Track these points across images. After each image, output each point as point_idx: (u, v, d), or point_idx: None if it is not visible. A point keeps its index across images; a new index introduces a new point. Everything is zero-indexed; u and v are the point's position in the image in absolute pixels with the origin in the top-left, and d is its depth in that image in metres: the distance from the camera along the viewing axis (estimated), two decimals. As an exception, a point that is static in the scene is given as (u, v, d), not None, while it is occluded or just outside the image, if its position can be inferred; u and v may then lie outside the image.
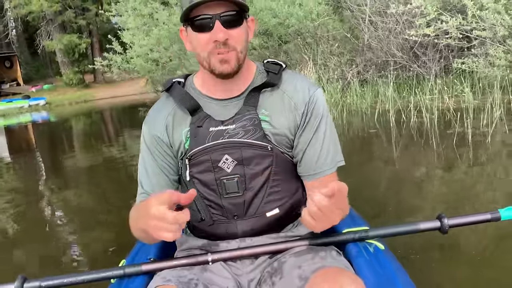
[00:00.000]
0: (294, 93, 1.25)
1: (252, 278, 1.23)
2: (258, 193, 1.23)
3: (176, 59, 11.05)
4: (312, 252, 1.17)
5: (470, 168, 3.63)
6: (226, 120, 1.22)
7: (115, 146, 8.30)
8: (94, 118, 17.11)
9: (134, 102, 19.80)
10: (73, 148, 9.30)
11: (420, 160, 4.13)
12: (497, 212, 1.29)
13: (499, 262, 2.08)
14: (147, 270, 1.23)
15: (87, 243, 3.26)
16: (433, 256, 2.17)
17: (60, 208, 4.42)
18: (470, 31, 6.25)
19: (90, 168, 6.28)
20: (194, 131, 1.23)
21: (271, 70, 1.26)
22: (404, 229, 1.29)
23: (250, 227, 1.25)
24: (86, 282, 1.24)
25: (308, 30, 8.87)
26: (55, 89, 30.29)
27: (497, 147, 4.13)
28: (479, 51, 6.39)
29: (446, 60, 7.21)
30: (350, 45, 8.73)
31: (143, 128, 1.32)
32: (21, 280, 1.23)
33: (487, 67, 6.22)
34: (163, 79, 12.62)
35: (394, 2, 6.80)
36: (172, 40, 10.92)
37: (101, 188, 5.11)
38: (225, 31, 1.11)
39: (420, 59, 7.48)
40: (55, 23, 29.40)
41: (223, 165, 1.21)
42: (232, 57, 1.14)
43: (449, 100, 5.98)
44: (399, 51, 7.48)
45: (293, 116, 1.24)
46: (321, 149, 1.24)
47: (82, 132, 12.91)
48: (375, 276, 1.09)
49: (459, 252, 2.21)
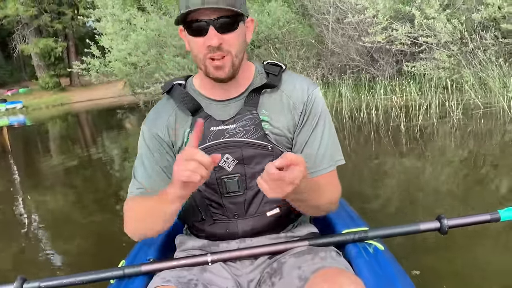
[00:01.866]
0: (293, 93, 1.26)
1: (252, 279, 1.23)
2: (259, 193, 1.22)
3: (154, 62, 11.53)
4: (311, 252, 1.17)
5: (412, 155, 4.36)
6: (227, 120, 1.23)
7: (93, 149, 8.29)
8: (72, 121, 17.13)
9: (112, 105, 19.94)
10: (49, 151, 9.18)
11: (367, 149, 4.82)
12: (496, 213, 1.29)
13: (499, 262, 2.09)
14: (147, 270, 1.23)
15: (61, 246, 3.22)
16: (433, 256, 2.18)
17: (32, 210, 4.37)
18: (417, 38, 7.05)
19: (66, 171, 6.23)
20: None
21: (271, 72, 1.28)
22: (404, 230, 1.29)
23: (250, 226, 1.25)
24: (85, 282, 1.24)
25: (276, 36, 9.57)
26: (31, 93, 30.33)
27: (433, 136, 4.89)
28: (427, 55, 7.21)
29: (400, 64, 8.00)
30: (315, 50, 9.48)
31: (142, 128, 1.33)
32: (20, 281, 1.23)
33: (434, 70, 7.02)
34: (140, 82, 13.05)
35: (352, 12, 7.55)
36: (150, 44, 11.40)
37: (77, 190, 5.06)
38: (219, 36, 1.11)
39: (377, 63, 8.26)
40: (31, 27, 29.50)
41: (224, 164, 1.21)
42: (226, 63, 1.15)
43: (398, 99, 6.77)
44: (357, 55, 8.24)
45: (292, 115, 1.25)
46: (319, 147, 1.25)
47: (59, 135, 12.90)
48: (375, 276, 1.09)
49: (459, 252, 2.21)
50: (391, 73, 8.02)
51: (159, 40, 11.37)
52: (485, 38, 6.53)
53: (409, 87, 6.96)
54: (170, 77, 10.67)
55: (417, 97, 6.63)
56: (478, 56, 6.57)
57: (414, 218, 2.69)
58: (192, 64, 10.70)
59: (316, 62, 9.37)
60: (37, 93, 30.05)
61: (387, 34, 7.05)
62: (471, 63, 6.70)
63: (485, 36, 6.52)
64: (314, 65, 9.27)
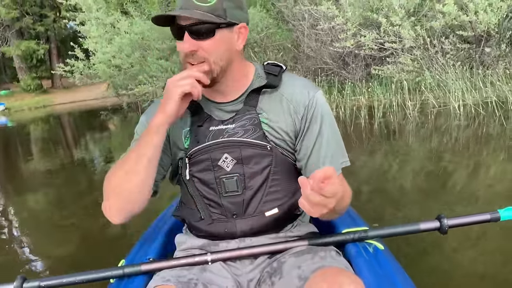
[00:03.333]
0: (293, 96, 1.24)
1: (252, 278, 1.23)
2: (257, 192, 1.22)
3: (137, 65, 11.85)
4: (311, 252, 1.16)
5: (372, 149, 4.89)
6: (226, 120, 1.22)
7: (77, 150, 8.27)
8: (55, 122, 17.07)
9: (94, 107, 20.01)
10: (32, 153, 9.09)
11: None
12: (496, 213, 1.29)
13: (499, 262, 2.11)
14: (147, 270, 1.23)
15: (42, 249, 3.21)
16: (432, 256, 2.19)
17: (12, 212, 4.35)
18: (384, 43, 7.64)
19: (48, 172, 6.21)
20: (194, 130, 1.23)
21: (271, 72, 1.26)
22: (404, 230, 1.29)
23: (249, 226, 1.24)
24: (85, 282, 1.24)
25: (255, 41, 10.09)
26: (13, 95, 30.24)
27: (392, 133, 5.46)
28: (393, 59, 7.80)
29: (369, 67, 8.59)
30: (292, 54, 10.03)
31: (141, 119, 1.32)
32: (20, 280, 1.23)
33: (399, 73, 7.61)
34: (124, 84, 13.29)
35: (324, 19, 8.11)
36: (134, 47, 11.74)
37: (59, 191, 5.06)
38: (193, 42, 1.11)
39: (349, 66, 8.83)
40: (13, 29, 29.43)
41: (223, 164, 1.21)
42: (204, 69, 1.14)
43: (365, 99, 7.35)
44: (330, 59, 8.80)
45: (292, 120, 1.23)
46: (325, 153, 1.23)
47: (41, 137, 12.75)
48: (375, 276, 1.09)
49: (459, 252, 2.22)
50: (361, 76, 8.59)
51: (142, 43, 11.69)
52: (444, 44, 7.14)
53: (375, 88, 7.54)
54: (153, 79, 11.03)
55: (382, 98, 7.21)
56: (438, 60, 7.18)
57: (377, 208, 2.94)
58: (175, 66, 11.14)
59: (293, 66, 9.92)
60: (19, 95, 29.96)
61: (356, 40, 7.61)
62: (433, 67, 7.30)
63: (444, 42, 7.13)
64: (291, 68, 9.82)
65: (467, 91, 6.13)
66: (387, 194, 3.25)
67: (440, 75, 6.96)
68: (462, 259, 2.17)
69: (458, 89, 6.21)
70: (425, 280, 1.95)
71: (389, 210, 2.90)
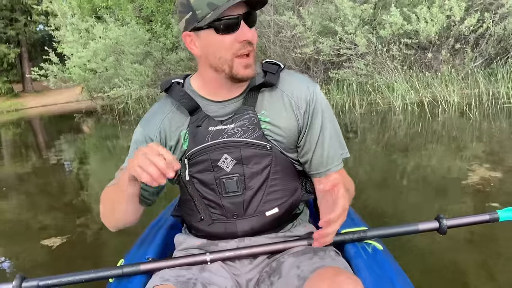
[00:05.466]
0: (293, 92, 1.24)
1: (251, 278, 1.23)
2: (258, 192, 1.22)
3: (112, 69, 12.28)
4: (310, 252, 1.16)
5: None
6: (225, 120, 1.21)
7: (51, 153, 8.10)
8: (27, 126, 16.85)
9: (67, 110, 19.97)
10: (3, 156, 8.80)
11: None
12: (495, 213, 1.29)
13: (499, 262, 2.12)
14: (146, 269, 1.22)
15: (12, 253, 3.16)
16: (431, 257, 2.20)
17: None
18: (340, 49, 8.45)
19: (22, 175, 6.18)
20: (193, 131, 1.22)
21: (269, 70, 1.25)
22: (403, 230, 1.29)
23: (249, 226, 1.24)
24: (84, 281, 1.23)
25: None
26: (-17, 99, 29.95)
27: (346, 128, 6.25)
28: (349, 64, 8.61)
29: (329, 71, 9.40)
30: (260, 59, 10.73)
31: (136, 129, 1.32)
32: (19, 279, 1.22)
33: (353, 76, 8.41)
34: (98, 87, 13.70)
35: (286, 27, 8.89)
36: (108, 52, 12.15)
37: (30, 196, 5.00)
38: (250, 30, 1.11)
39: (310, 70, 9.63)
40: (-17, 33, 29.25)
41: (222, 165, 1.20)
42: (252, 60, 1.15)
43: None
44: (294, 64, 9.59)
45: (295, 115, 1.23)
46: (329, 147, 1.25)
47: (12, 140, 12.53)
48: (374, 276, 1.09)
49: (458, 252, 2.23)
50: (321, 79, 9.40)
51: (117, 48, 12.09)
52: (392, 50, 7.98)
53: (332, 90, 8.35)
54: (128, 82, 11.48)
55: (338, 98, 8.02)
56: (388, 65, 8.02)
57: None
58: (149, 70, 11.65)
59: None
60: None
61: (314, 47, 8.41)
62: (383, 70, 8.13)
63: (392, 49, 7.97)
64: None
65: (408, 92, 7.04)
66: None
67: (388, 78, 7.81)
68: (462, 260, 2.15)
69: (399, 90, 7.13)
70: (424, 280, 1.96)
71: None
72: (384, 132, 5.70)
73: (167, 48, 12.21)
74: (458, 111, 5.89)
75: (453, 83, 6.89)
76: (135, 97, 11.52)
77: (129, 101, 11.68)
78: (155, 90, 11.65)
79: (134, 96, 11.44)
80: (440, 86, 6.89)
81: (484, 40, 7.45)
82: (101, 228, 3.21)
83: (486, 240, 2.30)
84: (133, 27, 11.77)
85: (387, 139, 5.27)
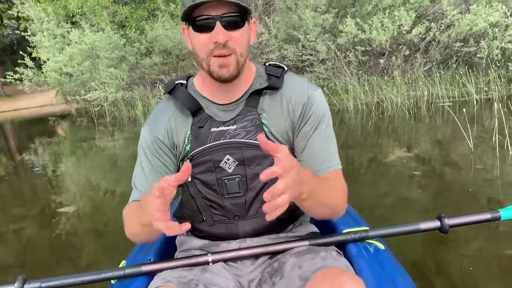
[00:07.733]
0: (292, 96, 1.24)
1: (253, 279, 1.23)
2: (259, 194, 1.21)
3: (88, 73, 12.61)
4: (312, 252, 1.16)
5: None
6: (228, 121, 1.21)
7: (29, 156, 7.92)
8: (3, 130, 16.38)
9: (41, 113, 19.68)
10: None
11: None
12: (497, 212, 1.29)
13: (499, 262, 2.13)
14: (147, 271, 1.22)
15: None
16: (433, 256, 2.21)
17: None
18: (302, 55, 9.23)
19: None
20: (195, 132, 1.22)
21: (274, 74, 1.26)
22: (404, 229, 1.29)
23: (251, 227, 1.24)
24: (86, 283, 1.23)
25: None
26: (-48, 103, 29.49)
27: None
28: (311, 69, 9.40)
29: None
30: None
31: (142, 130, 1.30)
32: (21, 281, 1.22)
33: (315, 80, 9.20)
34: (73, 90, 13.98)
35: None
36: (84, 56, 12.47)
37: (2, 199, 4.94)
38: (225, 32, 1.09)
39: (277, 75, 10.37)
40: (-48, 37, 28.93)
41: (224, 166, 1.20)
42: (231, 61, 1.12)
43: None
44: (261, 68, 10.33)
45: (291, 119, 1.23)
46: (321, 148, 1.23)
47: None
48: (376, 276, 1.09)
49: (459, 252, 2.23)
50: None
51: (92, 53, 12.41)
52: (349, 56, 8.80)
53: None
54: (104, 85, 11.85)
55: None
56: (345, 70, 8.84)
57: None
58: (123, 74, 12.10)
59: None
60: (-42, 103, 29.34)
61: (279, 53, 9.18)
62: (341, 75, 8.93)
63: (349, 55, 8.78)
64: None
65: (360, 94, 7.93)
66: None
67: (345, 82, 8.63)
68: (463, 259, 2.15)
69: (352, 92, 7.99)
70: (425, 280, 1.97)
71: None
72: (340, 128, 6.50)
73: (141, 53, 12.64)
74: (401, 110, 6.76)
75: (400, 86, 7.77)
76: (111, 100, 11.92)
77: (104, 103, 12.06)
78: (130, 93, 12.08)
79: (110, 98, 11.84)
80: (387, 89, 7.77)
81: (432, 47, 8.35)
82: (79, 232, 3.36)
83: (487, 239, 2.34)
84: (108, 32, 12.14)
85: (341, 132, 6.06)
